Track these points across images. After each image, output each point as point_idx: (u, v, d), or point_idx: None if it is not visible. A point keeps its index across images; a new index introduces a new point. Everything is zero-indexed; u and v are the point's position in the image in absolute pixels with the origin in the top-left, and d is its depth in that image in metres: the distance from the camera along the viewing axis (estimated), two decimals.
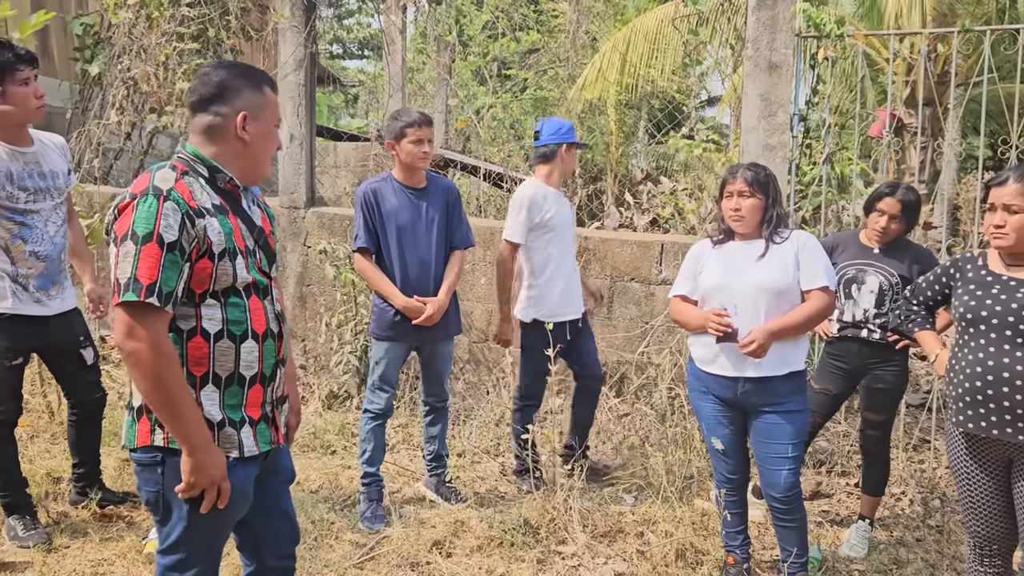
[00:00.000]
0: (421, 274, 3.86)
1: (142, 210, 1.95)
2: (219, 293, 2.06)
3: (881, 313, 3.69)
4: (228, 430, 2.10)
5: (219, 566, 2.26)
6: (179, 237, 1.95)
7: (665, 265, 5.22)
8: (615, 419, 5.08)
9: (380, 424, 3.96)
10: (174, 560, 2.12)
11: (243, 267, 2.09)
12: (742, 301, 3.15)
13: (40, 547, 3.45)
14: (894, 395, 3.78)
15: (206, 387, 2.07)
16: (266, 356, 2.16)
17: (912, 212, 3.72)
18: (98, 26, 7.09)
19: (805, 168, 4.93)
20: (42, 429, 4.76)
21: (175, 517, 2.09)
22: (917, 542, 3.92)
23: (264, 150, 2.18)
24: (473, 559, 3.57)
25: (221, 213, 2.08)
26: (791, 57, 4.64)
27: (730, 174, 3.25)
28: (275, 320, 2.21)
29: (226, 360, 2.08)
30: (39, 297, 3.50)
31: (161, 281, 1.93)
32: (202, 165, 2.10)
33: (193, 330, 2.04)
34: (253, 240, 2.17)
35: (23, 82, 3.35)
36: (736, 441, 3.34)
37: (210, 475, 2.02)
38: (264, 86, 2.17)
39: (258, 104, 2.14)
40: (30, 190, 3.44)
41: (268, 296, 2.19)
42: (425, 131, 3.80)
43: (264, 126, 2.15)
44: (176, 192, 1.99)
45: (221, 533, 2.20)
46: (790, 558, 3.28)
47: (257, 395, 2.16)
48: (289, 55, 5.89)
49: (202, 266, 2.01)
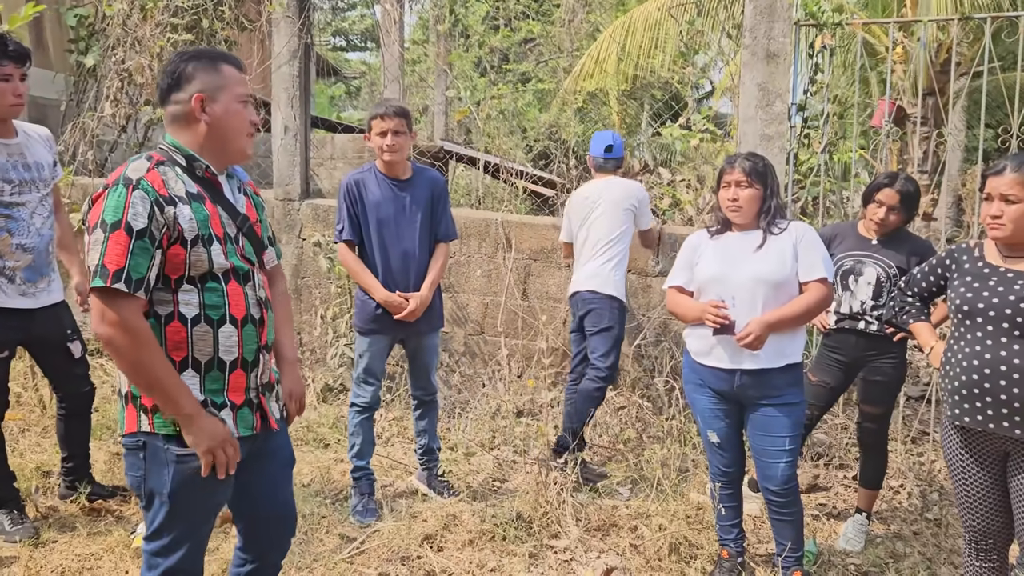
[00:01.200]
0: (403, 267, 3.81)
1: (112, 199, 2.00)
2: (196, 279, 2.09)
3: (879, 305, 3.65)
4: (209, 411, 2.12)
5: (204, 552, 2.26)
6: (148, 224, 1.99)
7: (662, 257, 5.17)
8: (611, 411, 5.04)
9: (368, 417, 3.93)
10: (158, 546, 2.15)
11: (220, 253, 2.11)
12: (739, 292, 3.10)
13: (27, 542, 3.42)
14: (892, 387, 3.74)
15: (186, 371, 2.09)
16: (246, 341, 2.18)
17: (911, 203, 3.67)
18: (92, 17, 7.04)
19: (803, 158, 4.88)
20: (34, 423, 4.74)
21: (157, 502, 2.12)
22: (914, 535, 3.88)
23: (231, 127, 2.17)
24: (464, 553, 3.53)
25: (197, 200, 2.11)
26: (789, 46, 4.58)
27: (728, 164, 3.21)
28: (256, 306, 2.22)
29: (204, 345, 2.11)
30: (25, 290, 3.47)
31: (130, 267, 1.97)
32: (179, 154, 2.14)
33: (171, 315, 2.07)
34: (236, 227, 2.19)
35: (4, 77, 3.31)
36: (732, 434, 3.30)
37: (212, 439, 2.06)
38: (220, 63, 2.16)
39: (214, 84, 2.14)
40: (15, 182, 3.40)
41: (250, 282, 2.21)
42: (390, 122, 3.70)
43: (224, 104, 2.15)
44: (146, 181, 2.02)
45: (206, 518, 2.21)
46: (785, 552, 3.24)
47: (240, 380, 2.18)
48: (283, 45, 5.84)
49: (174, 252, 2.04)
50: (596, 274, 4.40)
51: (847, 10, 5.61)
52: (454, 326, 5.62)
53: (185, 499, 2.11)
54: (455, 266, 5.61)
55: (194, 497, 2.12)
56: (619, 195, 4.51)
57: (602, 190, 4.54)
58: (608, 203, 4.48)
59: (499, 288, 5.53)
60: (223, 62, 2.17)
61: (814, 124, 4.85)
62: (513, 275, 5.48)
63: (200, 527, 2.21)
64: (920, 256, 3.61)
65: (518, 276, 5.50)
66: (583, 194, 4.62)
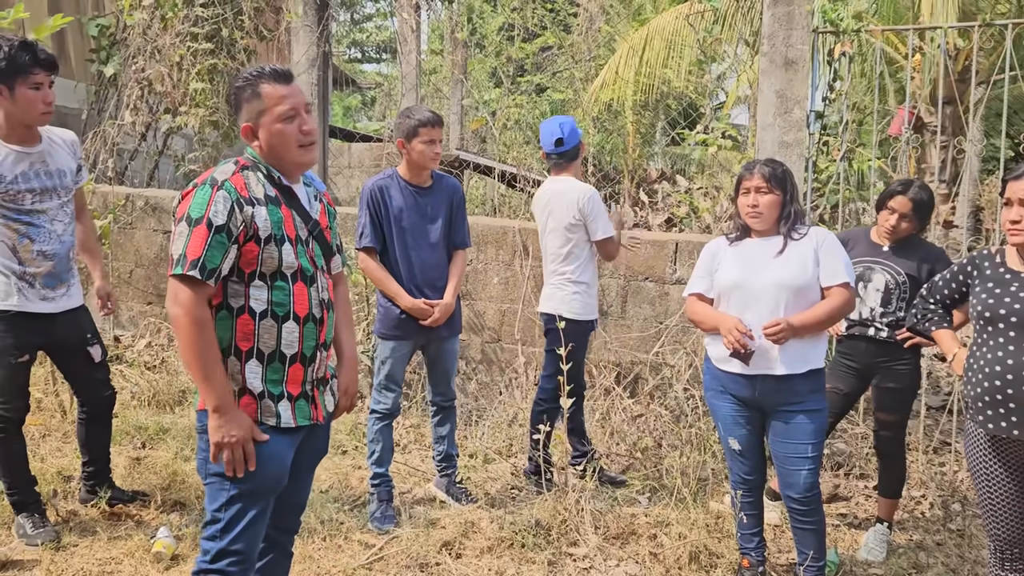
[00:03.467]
0: (425, 273, 3.83)
1: (198, 197, 2.22)
2: (266, 276, 2.29)
3: (887, 312, 3.62)
4: (267, 401, 2.31)
5: (260, 538, 2.37)
6: (227, 221, 2.20)
7: (680, 264, 5.16)
8: (629, 420, 5.01)
9: (387, 424, 3.93)
10: (215, 529, 2.30)
11: (290, 253, 2.31)
12: (760, 298, 3.09)
13: (48, 545, 3.43)
14: (906, 394, 3.71)
15: (250, 361, 2.29)
16: (307, 338, 2.35)
17: (923, 211, 3.63)
18: (114, 27, 7.12)
19: (822, 166, 4.86)
20: (54, 428, 4.77)
21: (217, 484, 2.29)
22: (937, 546, 3.84)
23: (281, 145, 2.33)
24: (483, 560, 3.52)
25: (273, 203, 2.32)
26: (807, 53, 4.57)
27: (747, 170, 3.20)
28: (319, 306, 2.39)
29: (269, 338, 2.30)
30: (45, 294, 3.49)
31: (205, 258, 2.18)
32: (260, 163, 2.37)
33: (242, 308, 2.28)
34: (307, 231, 2.39)
35: (35, 86, 3.32)
36: (753, 441, 3.28)
37: (232, 434, 2.22)
38: (261, 86, 2.31)
39: (255, 110, 2.31)
40: (37, 190, 3.42)
41: (315, 284, 2.38)
42: (437, 131, 3.75)
43: (267, 127, 2.32)
44: (230, 183, 2.25)
45: (260, 499, 2.33)
46: (807, 561, 3.21)
47: (297, 373, 2.35)
48: (302, 54, 5.89)
49: (249, 248, 2.25)
50: (549, 296, 4.16)
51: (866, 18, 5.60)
52: (471, 333, 5.62)
53: (243, 480, 2.27)
54: (472, 273, 5.62)
55: (251, 479, 2.27)
56: (563, 207, 4.06)
57: (551, 197, 4.15)
58: (555, 216, 4.11)
59: (516, 296, 5.52)
60: (263, 82, 2.31)
61: (833, 131, 4.83)
62: (530, 283, 5.48)
63: (255, 506, 2.32)
64: (931, 263, 3.58)
65: (535, 284, 5.49)
66: (538, 200, 4.27)
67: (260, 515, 2.34)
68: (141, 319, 6.34)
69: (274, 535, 2.54)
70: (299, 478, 2.52)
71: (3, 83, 3.27)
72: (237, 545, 2.30)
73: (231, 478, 2.27)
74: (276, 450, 2.32)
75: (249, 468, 2.26)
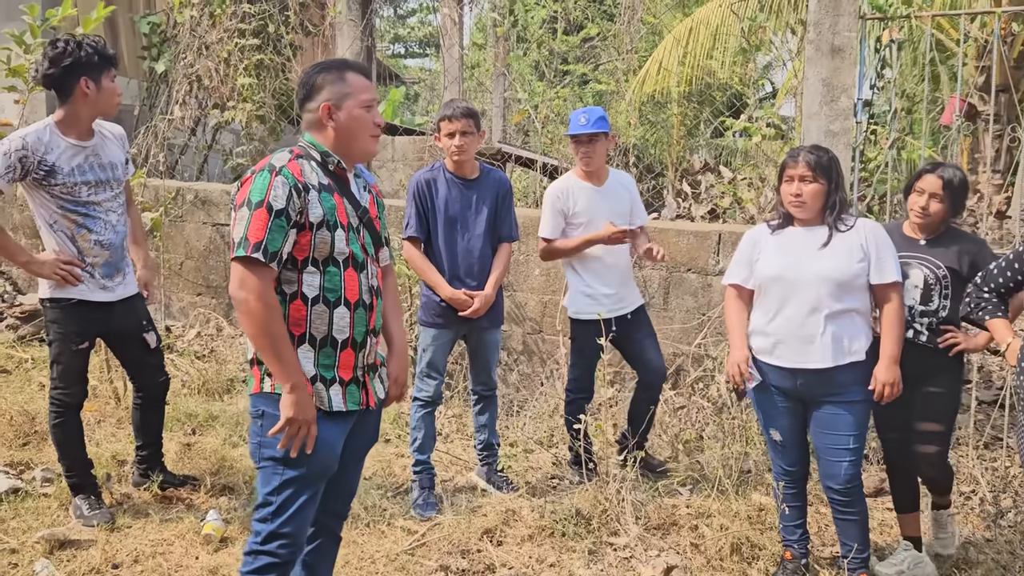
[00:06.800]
0: (468, 265, 3.87)
1: (257, 182, 2.28)
2: (319, 262, 2.34)
3: (928, 311, 3.28)
4: (318, 386, 2.36)
5: (309, 522, 2.43)
6: (286, 206, 2.26)
7: (723, 255, 5.11)
8: (671, 412, 4.99)
9: (430, 412, 3.98)
10: (267, 512, 2.36)
11: (342, 240, 2.37)
12: (801, 291, 3.06)
13: (104, 526, 3.55)
14: (951, 401, 3.35)
15: (303, 346, 2.35)
16: (357, 324, 2.41)
17: (956, 193, 3.28)
18: (164, 24, 7.28)
19: (870, 155, 4.78)
20: (108, 414, 4.91)
21: (269, 467, 2.35)
22: (987, 542, 3.76)
23: (355, 130, 2.41)
24: (524, 548, 3.55)
25: (327, 191, 2.37)
26: (854, 40, 4.49)
27: (790, 157, 3.15)
28: (368, 293, 2.44)
29: (321, 323, 2.35)
30: (104, 283, 3.61)
31: (267, 241, 2.24)
32: (315, 151, 2.42)
33: (295, 294, 2.34)
34: (358, 219, 2.44)
35: (113, 79, 3.55)
36: (796, 432, 3.26)
37: (305, 413, 2.28)
38: (347, 73, 2.40)
39: (340, 92, 2.38)
40: (91, 183, 3.56)
41: (364, 271, 2.44)
42: (457, 124, 3.77)
43: (348, 110, 2.39)
44: (287, 169, 2.30)
45: (311, 485, 2.38)
46: (851, 553, 3.18)
47: (349, 358, 2.41)
48: (346, 49, 5.96)
49: (302, 234, 2.31)
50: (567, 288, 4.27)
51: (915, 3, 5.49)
52: (513, 324, 5.64)
53: (295, 465, 2.32)
54: (514, 265, 5.64)
55: (303, 463, 2.32)
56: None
57: None
58: None
59: (558, 287, 5.53)
60: (349, 71, 2.41)
61: (881, 120, 4.74)
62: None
63: (306, 491, 2.37)
64: (972, 255, 3.26)
65: None
66: None
67: (310, 500, 2.39)
68: (191, 310, 6.49)
69: (324, 520, 2.59)
70: (349, 465, 2.57)
71: (92, 76, 3.45)
72: (287, 528, 2.36)
73: (284, 462, 2.32)
74: (327, 437, 2.36)
75: (307, 451, 2.30)
